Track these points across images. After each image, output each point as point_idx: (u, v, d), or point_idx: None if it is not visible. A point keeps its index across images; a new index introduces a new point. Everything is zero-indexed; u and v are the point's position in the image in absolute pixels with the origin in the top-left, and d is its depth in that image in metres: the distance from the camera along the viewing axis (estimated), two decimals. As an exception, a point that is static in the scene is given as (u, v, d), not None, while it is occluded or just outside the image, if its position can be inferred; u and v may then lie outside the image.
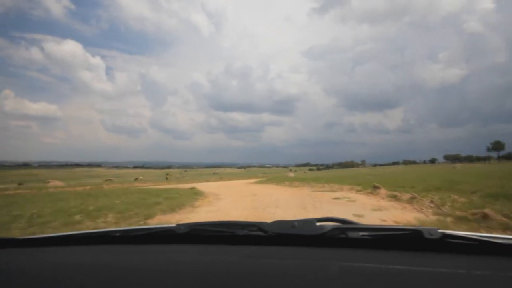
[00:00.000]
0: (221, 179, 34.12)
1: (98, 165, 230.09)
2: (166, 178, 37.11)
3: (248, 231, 0.86)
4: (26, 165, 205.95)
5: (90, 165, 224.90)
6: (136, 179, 39.81)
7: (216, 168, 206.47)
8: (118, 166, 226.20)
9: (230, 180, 32.32)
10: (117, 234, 0.95)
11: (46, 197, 11.33)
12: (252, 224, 0.88)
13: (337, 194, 9.97)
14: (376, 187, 9.75)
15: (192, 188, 14.09)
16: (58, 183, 27.04)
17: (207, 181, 30.22)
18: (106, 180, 31.77)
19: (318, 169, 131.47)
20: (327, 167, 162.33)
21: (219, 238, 0.89)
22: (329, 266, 0.65)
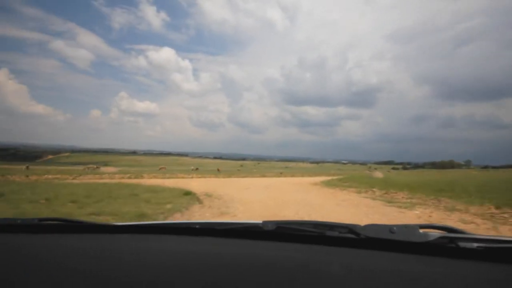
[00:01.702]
0: (281, 174, 27.14)
1: (185, 154, 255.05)
2: (218, 170, 32.46)
3: (339, 232, 0.79)
4: (134, 153, 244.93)
5: (179, 154, 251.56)
6: (196, 169, 36.65)
7: (288, 162, 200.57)
8: (201, 156, 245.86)
9: (292, 176, 25.08)
10: (197, 227, 0.92)
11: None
12: (342, 226, 0.81)
13: None
14: None
15: (188, 194, 7.58)
16: (111, 169, 25.22)
17: (263, 175, 23.81)
18: (160, 168, 29.28)
19: (405, 169, 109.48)
20: (416, 166, 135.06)
21: (306, 238, 0.81)
22: (441, 276, 0.58)
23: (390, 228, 0.73)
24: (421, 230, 0.73)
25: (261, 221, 0.89)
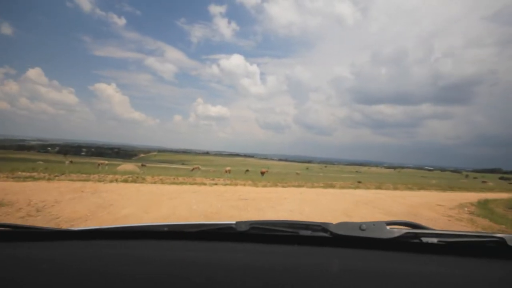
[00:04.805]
0: (359, 184, 16.19)
1: (251, 156, 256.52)
2: (262, 173, 23.25)
3: (312, 231, 0.79)
4: (207, 153, 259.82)
5: (246, 155, 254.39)
6: (248, 170, 28.60)
7: (358, 166, 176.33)
8: (266, 157, 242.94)
9: (378, 188, 14.03)
10: (166, 229, 0.85)
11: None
12: (315, 224, 0.81)
13: None
14: None
15: None
16: (127, 167, 19.41)
17: (331, 185, 13.60)
18: (193, 168, 22.66)
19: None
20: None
21: (280, 238, 0.80)
22: (407, 271, 0.60)
23: (360, 226, 0.74)
24: (388, 227, 0.73)
25: (234, 222, 0.84)
